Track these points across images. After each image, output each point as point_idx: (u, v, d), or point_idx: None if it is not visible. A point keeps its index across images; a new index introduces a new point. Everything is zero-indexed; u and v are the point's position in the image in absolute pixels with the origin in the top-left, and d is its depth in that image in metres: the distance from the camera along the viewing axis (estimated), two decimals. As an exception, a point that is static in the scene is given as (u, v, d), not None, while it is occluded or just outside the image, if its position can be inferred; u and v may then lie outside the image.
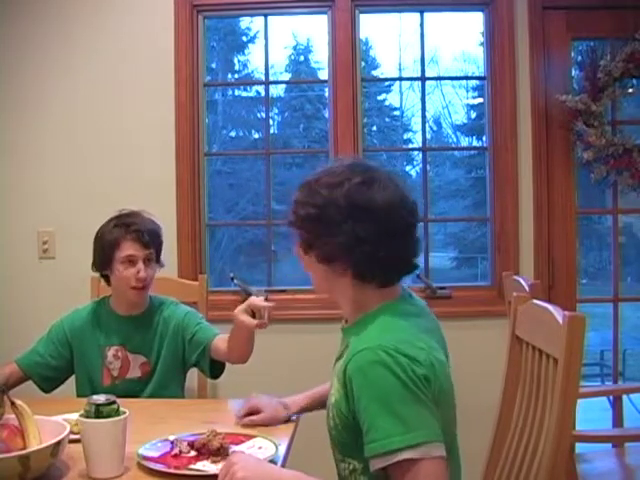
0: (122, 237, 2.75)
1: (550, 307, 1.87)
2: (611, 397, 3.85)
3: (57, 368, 2.83)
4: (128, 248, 2.74)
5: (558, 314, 1.78)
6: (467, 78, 4.74)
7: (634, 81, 4.00)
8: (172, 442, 2.03)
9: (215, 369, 2.81)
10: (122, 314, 2.85)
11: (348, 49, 4.08)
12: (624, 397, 3.49)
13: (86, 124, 4.06)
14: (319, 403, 2.30)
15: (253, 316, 2.48)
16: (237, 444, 2.01)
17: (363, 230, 1.71)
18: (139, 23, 4.06)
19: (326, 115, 4.42)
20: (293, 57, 8.32)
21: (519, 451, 1.96)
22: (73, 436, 1.89)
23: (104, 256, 2.77)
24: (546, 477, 1.71)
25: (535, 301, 2.06)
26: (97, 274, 2.90)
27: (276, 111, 8.01)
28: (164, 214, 3.83)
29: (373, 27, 4.62)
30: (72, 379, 2.88)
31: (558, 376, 1.71)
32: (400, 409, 1.54)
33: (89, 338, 2.84)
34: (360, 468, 1.70)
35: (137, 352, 2.81)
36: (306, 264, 1.86)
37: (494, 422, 2.15)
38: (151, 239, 2.79)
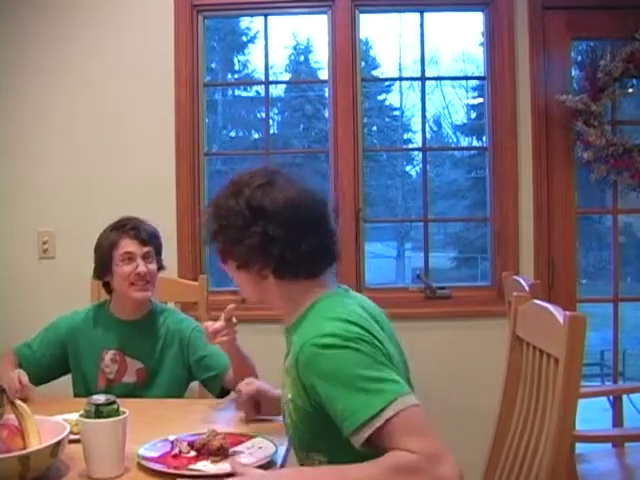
0: (119, 237, 2.75)
1: (551, 307, 1.87)
2: (611, 397, 3.85)
3: (46, 366, 2.82)
4: (125, 245, 2.74)
5: (559, 314, 1.78)
6: (467, 78, 4.74)
7: (634, 81, 4.01)
8: (172, 442, 2.03)
9: (224, 392, 2.80)
10: (122, 318, 2.84)
11: (348, 49, 4.08)
12: (624, 397, 3.49)
13: (86, 124, 4.06)
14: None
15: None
16: (237, 444, 2.01)
17: (270, 230, 1.77)
18: (139, 23, 4.06)
19: (326, 115, 4.42)
20: (293, 57, 8.33)
21: (519, 451, 1.95)
22: (73, 436, 1.89)
23: (104, 259, 2.77)
24: (547, 477, 1.71)
25: (536, 301, 2.06)
26: (99, 282, 2.90)
27: (276, 111, 8.02)
28: (164, 214, 3.84)
29: (373, 27, 4.63)
30: (69, 380, 2.88)
31: (559, 376, 1.71)
32: (367, 374, 1.56)
33: (86, 340, 2.82)
34: (325, 461, 1.72)
35: (134, 357, 2.80)
36: (231, 275, 1.92)
37: (494, 422, 2.15)
38: (148, 237, 2.78)
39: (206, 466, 1.88)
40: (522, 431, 1.98)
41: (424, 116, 4.39)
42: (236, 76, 8.15)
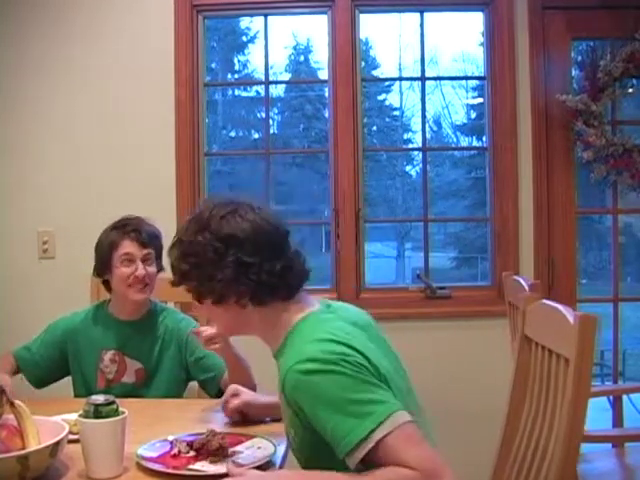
0: (120, 237, 2.75)
1: (561, 307, 1.87)
2: (611, 397, 3.84)
3: (45, 369, 2.82)
4: (126, 246, 2.74)
5: (569, 314, 1.78)
6: (467, 78, 4.75)
7: (634, 81, 4.01)
8: (171, 442, 2.03)
9: (221, 393, 2.80)
10: (121, 318, 2.84)
11: (348, 49, 4.08)
12: (624, 397, 3.49)
13: (86, 124, 4.06)
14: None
15: None
16: (236, 444, 2.01)
17: (244, 256, 1.77)
18: (139, 23, 4.06)
19: (326, 115, 4.42)
20: (293, 57, 8.33)
21: (528, 451, 1.95)
22: (72, 436, 1.89)
23: (104, 258, 2.77)
24: (557, 477, 1.71)
25: (545, 301, 2.06)
26: (98, 280, 2.90)
27: (276, 111, 8.02)
28: (164, 214, 3.83)
29: (373, 27, 4.63)
30: (68, 380, 2.88)
31: (569, 376, 1.71)
32: (354, 397, 1.56)
33: (85, 340, 2.82)
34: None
35: (134, 357, 2.80)
36: (208, 314, 1.93)
37: (502, 423, 2.15)
38: (149, 239, 2.78)
39: (205, 466, 1.87)
40: (531, 431, 1.98)
41: (424, 116, 4.39)
42: (236, 76, 8.16)
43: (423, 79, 4.32)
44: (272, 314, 1.82)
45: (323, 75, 4.33)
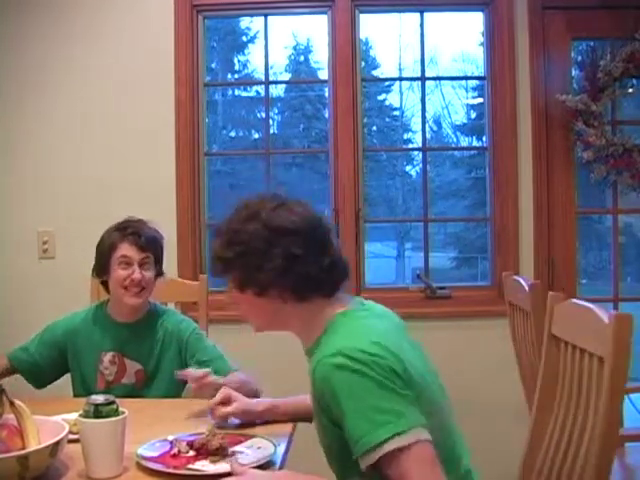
0: (119, 239, 2.74)
1: (592, 306, 1.87)
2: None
3: (45, 368, 2.81)
4: (124, 249, 2.73)
5: (603, 313, 1.78)
6: (467, 78, 4.75)
7: (634, 81, 4.01)
8: (171, 442, 2.03)
9: None
10: (119, 320, 2.83)
11: (348, 49, 4.08)
12: (624, 397, 3.49)
13: (86, 124, 4.06)
14: (280, 415, 2.31)
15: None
16: (236, 444, 2.01)
17: (293, 248, 1.76)
18: (139, 23, 4.07)
19: (326, 115, 4.42)
20: (293, 57, 8.33)
21: (559, 452, 1.95)
22: (72, 436, 1.88)
23: (102, 259, 2.76)
24: (594, 477, 1.72)
25: (575, 300, 2.07)
26: (97, 280, 2.89)
27: (276, 111, 8.02)
28: (164, 214, 3.84)
29: (373, 27, 4.63)
30: (68, 380, 2.88)
31: (605, 375, 1.71)
32: (376, 404, 1.55)
33: (85, 342, 2.82)
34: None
35: (133, 358, 2.79)
36: (246, 307, 1.87)
37: (530, 421, 2.14)
38: (148, 243, 2.76)
39: (205, 466, 1.87)
40: (561, 430, 1.97)
41: (424, 116, 4.39)
42: (236, 76, 8.15)
43: (423, 79, 4.32)
44: (312, 310, 1.82)
45: (323, 75, 4.34)
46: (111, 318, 2.84)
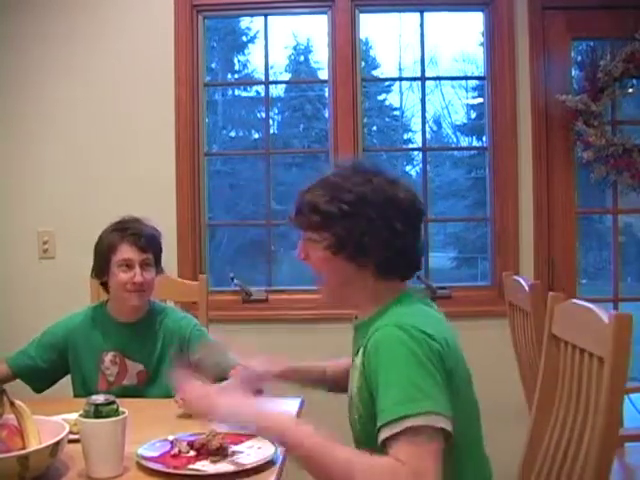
0: (119, 241, 2.72)
1: (593, 306, 1.88)
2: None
3: (47, 371, 2.81)
4: (125, 252, 2.71)
5: (603, 313, 1.78)
6: (467, 78, 4.74)
7: (634, 81, 4.01)
8: (171, 442, 2.03)
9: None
10: (120, 320, 2.82)
11: (348, 49, 4.08)
12: (624, 397, 3.48)
13: (86, 124, 4.07)
14: (301, 376, 2.30)
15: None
16: (237, 444, 2.01)
17: (397, 223, 1.76)
18: (139, 23, 4.07)
19: (326, 115, 4.42)
20: (293, 57, 8.32)
21: (559, 450, 1.96)
22: (72, 436, 1.88)
23: (102, 261, 2.75)
24: (594, 477, 1.72)
25: (575, 300, 2.08)
26: (97, 281, 2.88)
27: (276, 111, 8.01)
28: (164, 214, 3.84)
29: (373, 27, 4.62)
30: (68, 380, 2.88)
31: (605, 374, 1.72)
32: (412, 381, 1.55)
33: (85, 343, 2.81)
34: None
35: (135, 359, 2.79)
36: (326, 268, 1.84)
37: (530, 421, 2.16)
38: (148, 243, 2.75)
39: (205, 466, 1.88)
40: (562, 429, 1.97)
41: (424, 116, 4.39)
42: (236, 76, 8.15)
43: (423, 79, 4.32)
44: (383, 288, 1.82)
45: (323, 75, 4.34)
46: (111, 318, 2.83)
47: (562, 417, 2.00)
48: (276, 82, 5.51)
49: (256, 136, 7.46)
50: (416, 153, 7.99)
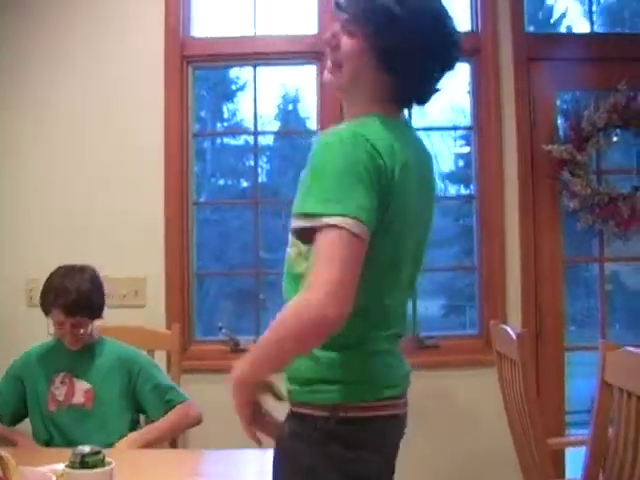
0: (50, 305, 2.87)
1: None
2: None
3: (14, 403, 2.97)
4: (55, 315, 2.87)
5: None
6: (455, 128, 4.77)
7: (618, 131, 4.05)
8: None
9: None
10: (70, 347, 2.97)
11: (336, 100, 4.10)
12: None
13: (74, 173, 4.06)
14: None
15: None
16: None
17: (435, 65, 1.78)
18: (129, 74, 4.09)
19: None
20: (282, 106, 8.39)
21: None
22: (59, 487, 1.87)
23: (43, 308, 2.91)
24: None
25: (629, 348, 2.10)
26: None
27: (265, 159, 8.05)
28: (152, 264, 3.84)
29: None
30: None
31: None
32: (339, 182, 1.51)
33: (40, 368, 2.97)
34: (305, 251, 1.64)
35: (82, 379, 2.92)
36: (346, 50, 1.75)
37: (583, 471, 2.16)
38: (77, 307, 2.86)
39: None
40: (620, 470, 1.98)
41: (412, 165, 4.40)
42: (225, 124, 8.19)
43: (411, 129, 4.34)
44: (378, 89, 1.74)
45: (312, 124, 4.36)
46: (64, 345, 2.96)
47: (619, 462, 1.99)
48: (264, 132, 5.53)
49: (245, 184, 7.49)
50: (404, 202, 7.98)
